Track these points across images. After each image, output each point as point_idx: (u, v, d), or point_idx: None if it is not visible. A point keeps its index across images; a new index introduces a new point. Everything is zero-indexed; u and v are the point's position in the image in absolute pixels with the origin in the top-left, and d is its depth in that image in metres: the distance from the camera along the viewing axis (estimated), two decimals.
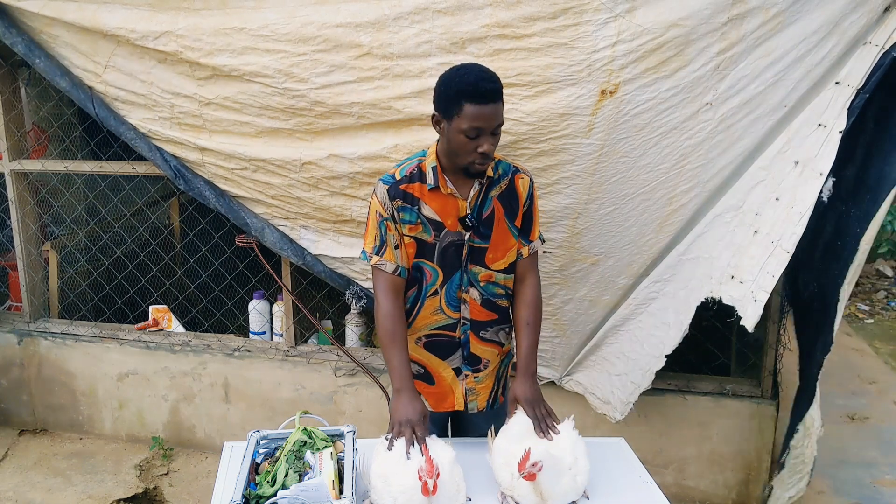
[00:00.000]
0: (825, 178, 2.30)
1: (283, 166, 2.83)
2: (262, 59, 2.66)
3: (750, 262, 2.47)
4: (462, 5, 2.44)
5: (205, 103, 2.86)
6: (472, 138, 1.82)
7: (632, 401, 2.83)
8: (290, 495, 1.66)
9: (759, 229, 2.47)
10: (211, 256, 3.62)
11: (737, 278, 2.49)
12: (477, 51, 2.48)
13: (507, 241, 2.03)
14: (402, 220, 1.97)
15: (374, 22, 2.51)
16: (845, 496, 3.23)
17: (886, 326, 5.53)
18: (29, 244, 3.62)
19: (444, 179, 1.95)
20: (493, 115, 1.81)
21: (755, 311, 2.38)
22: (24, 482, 3.35)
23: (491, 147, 1.83)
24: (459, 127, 1.81)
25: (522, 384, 1.98)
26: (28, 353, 3.70)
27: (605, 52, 2.36)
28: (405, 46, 2.51)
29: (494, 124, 1.83)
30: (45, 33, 3.03)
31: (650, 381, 2.77)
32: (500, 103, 1.83)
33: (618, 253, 2.68)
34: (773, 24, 2.31)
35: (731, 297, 2.48)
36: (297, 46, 2.61)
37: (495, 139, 1.85)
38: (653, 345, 2.76)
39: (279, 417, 3.30)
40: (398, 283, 2.00)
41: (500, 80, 1.86)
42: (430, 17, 2.47)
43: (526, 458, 1.73)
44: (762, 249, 2.44)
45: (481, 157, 1.84)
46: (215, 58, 2.73)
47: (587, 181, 2.54)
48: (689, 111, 2.42)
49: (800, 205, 2.35)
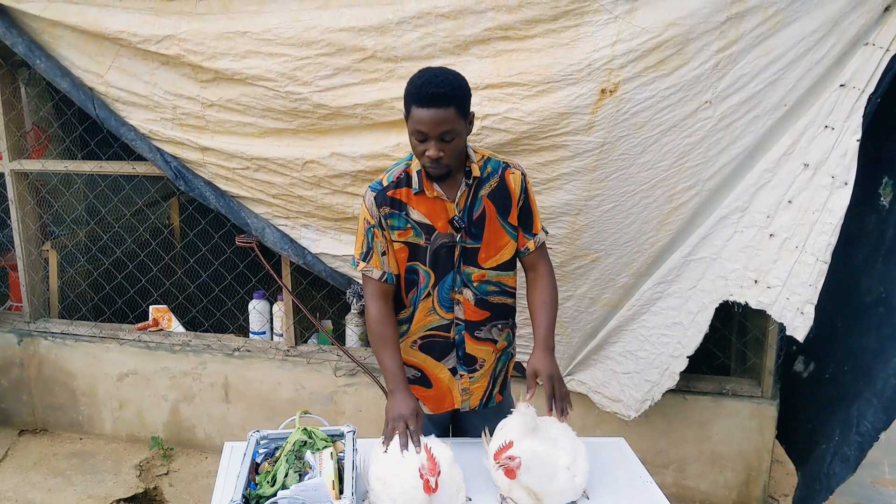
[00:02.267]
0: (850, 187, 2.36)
1: (286, 165, 2.84)
2: (264, 63, 2.68)
3: (774, 267, 2.51)
4: (464, 9, 2.46)
5: (208, 105, 2.87)
6: (420, 141, 1.83)
7: (651, 398, 2.85)
8: (290, 495, 1.66)
9: (775, 232, 2.51)
10: (211, 256, 3.62)
11: (762, 283, 2.54)
12: (480, 52, 2.50)
13: (499, 240, 2.02)
14: (391, 226, 1.97)
15: (378, 26, 2.54)
16: (845, 496, 3.23)
17: None
18: (29, 244, 3.62)
19: (430, 183, 1.95)
20: (436, 121, 1.77)
21: (804, 323, 2.46)
22: (24, 482, 3.35)
23: (436, 153, 1.81)
24: (410, 130, 1.85)
25: (543, 358, 1.96)
26: (28, 353, 3.70)
27: (604, 51, 2.39)
28: (409, 49, 2.54)
29: (438, 130, 1.78)
30: (48, 34, 3.05)
31: (674, 381, 2.79)
32: (449, 110, 1.78)
33: (618, 251, 2.69)
34: (771, 22, 2.33)
35: (759, 301, 2.55)
36: (301, 50, 2.63)
37: (446, 147, 1.82)
38: (665, 344, 2.78)
39: (279, 417, 3.30)
40: (386, 288, 2.02)
41: (455, 87, 1.81)
42: (433, 21, 2.50)
43: (505, 447, 1.73)
44: (788, 254, 2.48)
45: (429, 161, 1.84)
46: (218, 61, 2.74)
47: (587, 178, 2.56)
48: (689, 109, 2.43)
49: (828, 215, 2.39)
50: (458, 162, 1.93)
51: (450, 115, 1.78)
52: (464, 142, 1.89)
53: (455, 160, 1.89)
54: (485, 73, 2.48)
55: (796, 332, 2.49)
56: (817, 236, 2.43)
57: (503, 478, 1.78)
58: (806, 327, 2.47)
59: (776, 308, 2.53)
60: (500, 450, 1.74)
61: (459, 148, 1.87)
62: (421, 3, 2.49)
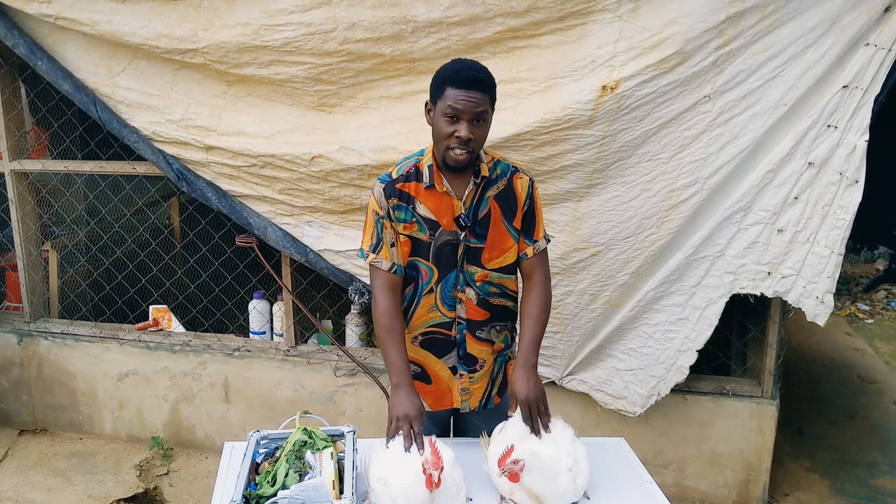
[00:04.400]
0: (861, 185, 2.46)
1: (293, 161, 2.87)
2: (289, 70, 2.77)
3: (787, 259, 2.62)
4: (474, 17, 2.54)
5: (234, 101, 2.94)
6: (452, 121, 1.85)
7: (657, 393, 2.87)
8: (291, 495, 1.66)
9: (783, 228, 2.59)
10: (211, 256, 3.62)
11: (775, 274, 2.65)
12: (493, 49, 2.60)
13: (504, 242, 2.03)
14: (397, 218, 1.98)
15: (393, 35, 2.62)
16: (845, 496, 3.23)
17: (886, 326, 5.53)
18: (29, 244, 3.62)
19: (440, 177, 1.96)
20: (473, 101, 1.83)
21: (825, 311, 2.60)
22: (24, 482, 3.35)
23: (467, 133, 1.84)
24: (442, 110, 1.86)
25: (520, 378, 1.95)
26: (28, 353, 3.70)
27: (607, 48, 2.45)
28: (425, 52, 2.64)
29: (474, 110, 1.83)
30: (53, 37, 3.07)
31: (683, 375, 2.82)
32: (485, 95, 1.85)
33: (619, 246, 2.72)
34: (770, 20, 2.36)
35: (775, 291, 2.68)
36: (322, 59, 2.71)
37: (476, 129, 1.86)
38: (671, 339, 2.81)
39: (279, 417, 3.31)
40: (395, 280, 2.02)
41: (489, 76, 1.88)
42: (445, 29, 2.58)
43: (507, 454, 1.73)
44: (799, 246, 2.59)
45: (457, 143, 1.85)
46: (243, 69, 2.82)
47: (588, 168, 2.61)
48: (688, 103, 2.49)
49: (841, 211, 2.50)
50: (474, 157, 1.94)
51: (485, 99, 1.85)
52: (487, 133, 1.92)
53: (478, 151, 1.92)
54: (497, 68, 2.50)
55: (817, 318, 2.62)
56: (830, 230, 2.52)
57: (506, 481, 1.78)
58: (826, 314, 2.61)
59: (793, 295, 2.64)
60: (504, 456, 1.73)
61: (484, 137, 1.91)
62: (430, 13, 2.55)
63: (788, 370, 3.86)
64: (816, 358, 4.76)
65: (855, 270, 6.75)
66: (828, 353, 4.86)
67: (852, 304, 5.94)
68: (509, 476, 1.73)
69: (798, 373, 4.42)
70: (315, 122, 2.87)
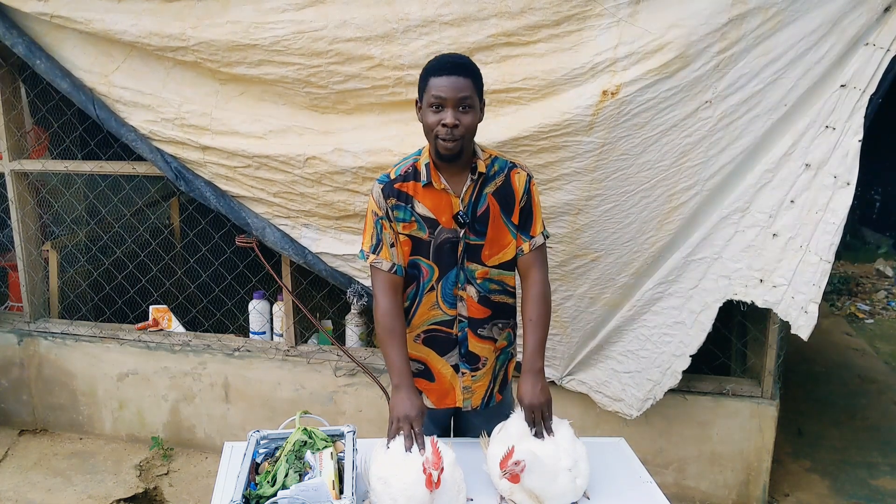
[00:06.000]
0: (852, 187, 2.39)
1: (287, 162, 2.85)
2: (279, 70, 2.75)
3: (779, 266, 2.55)
4: (468, 17, 2.50)
5: (226, 100, 2.93)
6: (437, 111, 1.86)
7: (653, 397, 2.86)
8: (291, 495, 1.66)
9: (778, 232, 2.54)
10: (211, 256, 3.62)
11: (767, 282, 2.58)
12: (485, 58, 2.54)
13: (503, 238, 2.03)
14: (396, 218, 1.99)
15: (384, 35, 2.59)
16: (845, 496, 3.23)
17: (886, 326, 5.53)
18: (29, 244, 3.62)
19: (438, 175, 1.96)
20: (455, 87, 1.84)
21: (808, 322, 2.51)
22: (24, 482, 3.35)
23: (453, 120, 1.85)
24: (427, 101, 1.88)
25: (526, 383, 1.96)
26: (28, 353, 3.70)
27: (607, 54, 2.41)
28: (415, 57, 2.58)
29: (457, 96, 1.84)
30: (51, 36, 3.06)
31: (676, 380, 2.81)
32: (468, 80, 1.86)
33: (618, 250, 2.70)
34: (772, 23, 2.33)
35: (765, 300, 2.60)
36: (311, 59, 2.68)
37: (462, 116, 1.86)
38: (667, 343, 2.79)
39: (279, 417, 3.31)
40: (395, 280, 2.02)
41: (472, 63, 1.92)
42: (437, 29, 2.54)
43: (508, 455, 1.73)
44: (792, 253, 2.52)
45: (445, 130, 1.86)
46: (234, 68, 2.81)
47: (587, 178, 2.57)
48: (689, 109, 2.44)
49: (831, 215, 2.43)
50: (468, 149, 1.94)
51: (468, 85, 1.86)
52: (476, 123, 1.92)
53: (468, 139, 1.91)
54: (490, 78, 2.49)
55: (800, 330, 2.53)
56: (821, 236, 2.46)
57: (506, 482, 1.78)
58: (810, 326, 2.51)
59: (782, 307, 2.57)
60: (505, 457, 1.73)
61: (473, 126, 1.91)
62: (424, 10, 2.53)
63: (788, 370, 3.86)
64: (816, 358, 4.76)
65: (855, 270, 6.76)
66: (828, 354, 4.86)
67: (852, 305, 5.94)
68: (510, 477, 1.73)
69: (798, 373, 4.42)
70: (308, 122, 2.86)
